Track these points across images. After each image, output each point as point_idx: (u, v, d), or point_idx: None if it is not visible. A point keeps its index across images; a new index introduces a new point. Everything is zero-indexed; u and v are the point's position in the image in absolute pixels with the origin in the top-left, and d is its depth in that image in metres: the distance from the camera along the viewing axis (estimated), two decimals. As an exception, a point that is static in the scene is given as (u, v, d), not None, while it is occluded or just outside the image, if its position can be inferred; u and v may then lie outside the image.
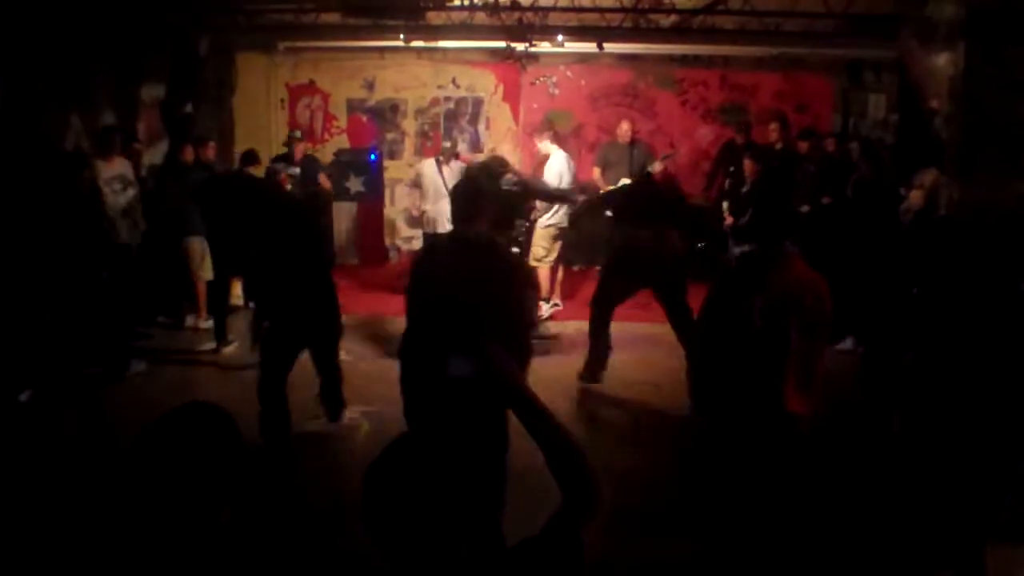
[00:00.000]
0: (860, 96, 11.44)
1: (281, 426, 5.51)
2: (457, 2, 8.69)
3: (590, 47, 10.03)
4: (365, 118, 11.99)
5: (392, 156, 11.92)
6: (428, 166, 9.53)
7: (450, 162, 9.52)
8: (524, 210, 8.01)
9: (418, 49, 11.04)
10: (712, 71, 11.75)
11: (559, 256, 9.11)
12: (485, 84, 11.89)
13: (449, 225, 9.14)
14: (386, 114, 11.98)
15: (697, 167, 11.50)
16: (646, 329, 8.18)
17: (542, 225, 8.78)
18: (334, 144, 11.83)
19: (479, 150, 11.88)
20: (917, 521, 3.71)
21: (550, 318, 8.86)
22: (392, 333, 8.05)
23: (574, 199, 8.86)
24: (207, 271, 8.28)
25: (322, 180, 10.12)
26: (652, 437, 6.01)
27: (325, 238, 9.33)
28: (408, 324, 4.05)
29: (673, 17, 9.62)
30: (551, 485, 1.92)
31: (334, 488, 4.95)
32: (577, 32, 9.75)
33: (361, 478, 1.72)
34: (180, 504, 1.89)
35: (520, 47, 9.84)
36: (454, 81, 11.89)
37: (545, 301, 8.91)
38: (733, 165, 9.92)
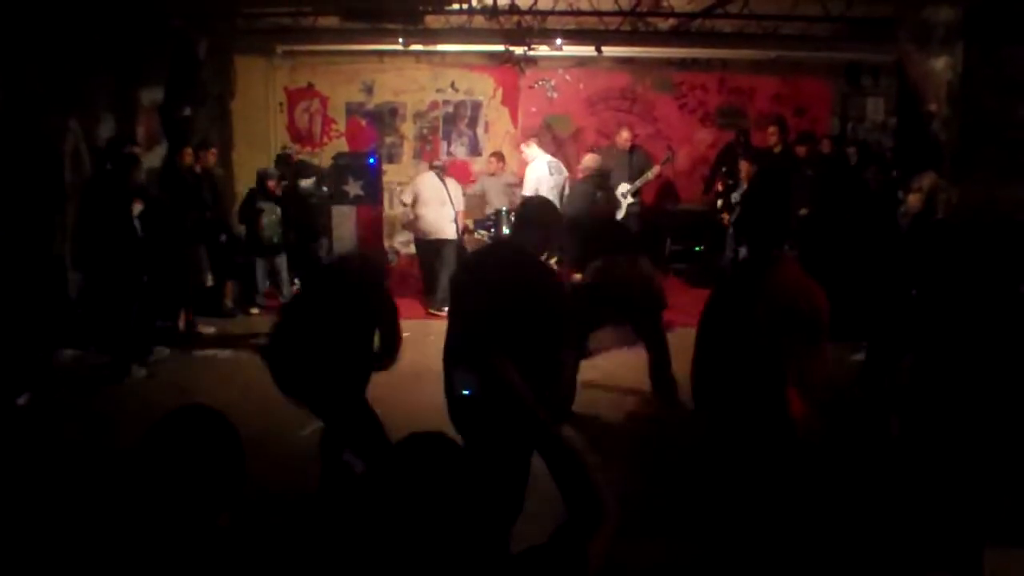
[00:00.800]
0: (858, 99, 11.46)
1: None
2: (456, 6, 8.70)
3: (588, 51, 10.04)
4: (364, 122, 12.00)
5: (391, 160, 11.92)
6: (429, 178, 9.57)
7: (445, 176, 9.61)
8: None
9: (417, 53, 11.06)
10: (710, 74, 11.76)
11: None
12: (484, 88, 11.91)
13: (450, 232, 9.26)
14: (385, 118, 11.99)
15: (695, 170, 11.52)
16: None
17: None
18: (333, 148, 11.83)
19: (477, 154, 11.90)
20: (914, 523, 3.71)
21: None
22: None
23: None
24: (207, 278, 8.34)
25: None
26: (652, 438, 6.01)
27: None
28: (450, 329, 4.08)
29: (671, 20, 9.63)
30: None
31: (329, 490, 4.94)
32: (575, 36, 9.76)
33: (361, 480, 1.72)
34: (178, 508, 1.90)
35: (519, 51, 9.85)
36: (453, 85, 11.90)
37: None
38: (728, 167, 9.99)
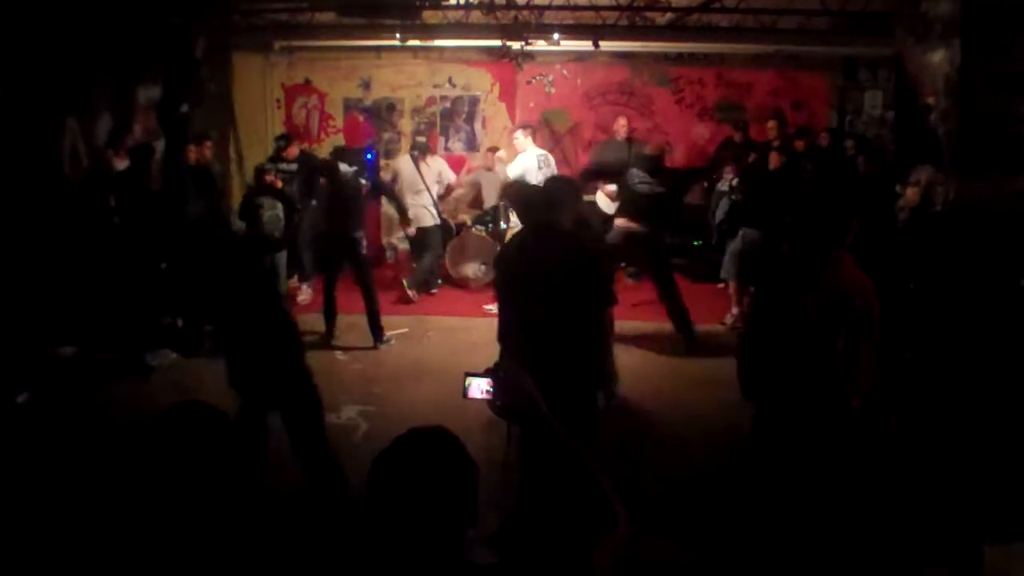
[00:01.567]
0: (856, 93, 11.44)
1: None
2: (453, 1, 8.69)
3: (586, 45, 10.03)
4: (361, 117, 11.97)
5: (389, 155, 11.87)
6: (404, 163, 9.56)
7: (426, 158, 9.58)
8: None
9: (414, 48, 11.02)
10: (708, 69, 11.74)
11: None
12: (481, 83, 11.88)
13: (428, 219, 9.23)
14: (382, 113, 11.97)
15: (693, 165, 11.49)
16: (647, 327, 8.20)
17: (516, 224, 8.83)
18: (330, 143, 11.79)
19: (475, 149, 11.89)
20: (914, 518, 3.72)
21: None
22: (388, 332, 8.07)
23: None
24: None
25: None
26: (651, 434, 6.01)
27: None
28: (501, 314, 4.47)
29: (669, 15, 9.61)
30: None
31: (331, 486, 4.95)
32: (573, 30, 9.75)
33: (359, 477, 1.74)
34: (177, 504, 1.90)
35: (516, 46, 9.83)
36: (450, 80, 11.88)
37: None
38: (717, 163, 10.14)
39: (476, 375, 2.04)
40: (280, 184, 9.08)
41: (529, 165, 8.75)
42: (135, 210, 7.44)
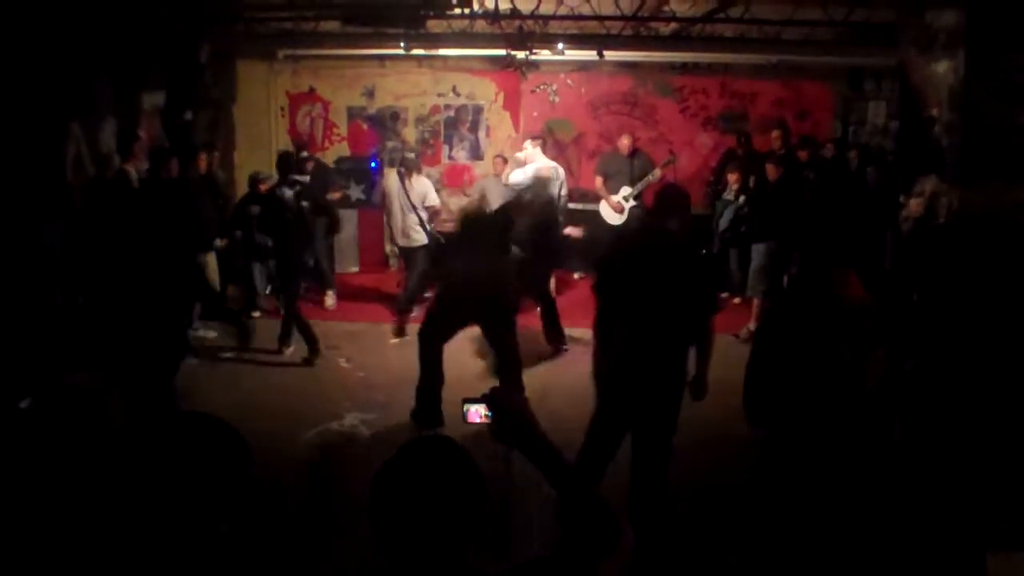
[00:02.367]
0: (860, 104, 11.45)
1: None
2: (457, 10, 8.70)
3: (590, 55, 10.03)
4: (365, 126, 12.00)
5: (393, 164, 11.91)
6: (391, 179, 9.17)
7: (412, 176, 9.04)
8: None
9: (418, 57, 11.06)
10: (712, 79, 11.76)
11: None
12: (485, 92, 11.90)
13: (418, 238, 9.08)
14: (386, 122, 11.99)
15: (697, 175, 11.51)
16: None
17: None
18: (335, 152, 11.85)
19: (479, 158, 11.91)
20: (917, 527, 3.71)
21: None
22: (389, 342, 8.07)
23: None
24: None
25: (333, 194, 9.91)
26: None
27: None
28: (600, 310, 4.66)
29: (673, 25, 9.62)
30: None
31: (334, 494, 4.95)
32: (577, 40, 9.76)
33: (361, 484, 1.74)
34: (180, 515, 1.89)
35: (520, 55, 9.85)
36: (454, 89, 11.90)
37: None
38: (721, 173, 10.14)
39: (473, 400, 2.05)
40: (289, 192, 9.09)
41: (530, 176, 8.69)
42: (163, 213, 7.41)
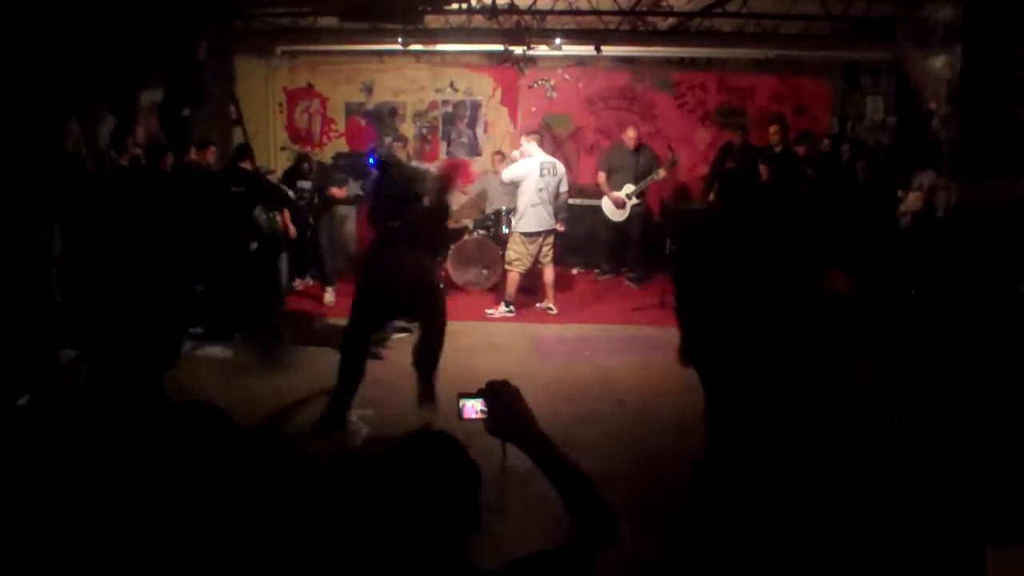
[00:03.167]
0: (857, 98, 11.44)
1: None
2: (455, 5, 8.69)
3: (588, 50, 10.04)
4: (363, 122, 11.99)
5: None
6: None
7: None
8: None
9: (416, 53, 11.05)
10: (709, 73, 11.75)
11: (552, 259, 9.11)
12: (483, 87, 11.90)
13: None
14: (384, 118, 11.98)
15: (695, 169, 11.52)
16: (644, 332, 8.19)
17: (517, 230, 8.80)
18: (332, 148, 11.83)
19: (477, 154, 11.90)
20: (916, 523, 3.72)
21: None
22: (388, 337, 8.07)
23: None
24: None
25: (333, 192, 9.92)
26: (654, 439, 5.99)
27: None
28: (680, 297, 4.75)
29: (671, 20, 9.63)
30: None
31: (333, 490, 4.95)
32: (575, 35, 9.76)
33: (359, 480, 1.74)
34: (179, 505, 1.90)
35: (518, 50, 9.85)
36: (452, 85, 11.89)
37: (506, 304, 8.93)
38: (719, 167, 10.12)
39: (469, 396, 2.04)
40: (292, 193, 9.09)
41: (532, 170, 8.70)
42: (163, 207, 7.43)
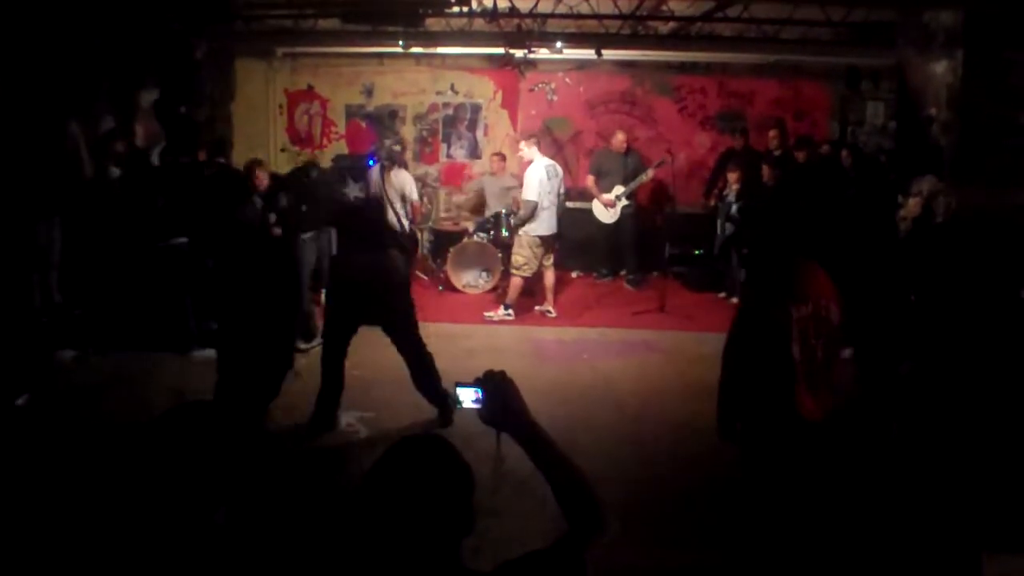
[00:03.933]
0: (858, 103, 11.46)
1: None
2: (456, 9, 8.70)
3: (588, 54, 10.04)
4: (364, 124, 12.00)
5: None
6: (374, 174, 8.91)
7: (392, 170, 8.84)
8: None
9: (417, 55, 11.06)
10: (710, 78, 11.76)
11: (552, 263, 9.08)
12: (484, 90, 11.91)
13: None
14: (385, 120, 11.98)
15: (695, 174, 11.52)
16: (643, 335, 8.18)
17: (529, 233, 8.68)
18: (333, 150, 11.83)
19: (477, 156, 11.91)
20: (914, 528, 3.71)
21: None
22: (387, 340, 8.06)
23: None
24: None
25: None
26: (652, 443, 5.98)
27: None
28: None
29: (671, 24, 9.64)
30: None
31: (332, 492, 4.95)
32: (575, 39, 9.77)
33: (359, 482, 1.75)
34: (175, 504, 1.90)
35: (519, 54, 9.85)
36: (452, 87, 11.90)
37: (505, 307, 8.91)
38: (720, 172, 10.11)
39: (465, 385, 2.05)
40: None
41: (541, 176, 8.60)
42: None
